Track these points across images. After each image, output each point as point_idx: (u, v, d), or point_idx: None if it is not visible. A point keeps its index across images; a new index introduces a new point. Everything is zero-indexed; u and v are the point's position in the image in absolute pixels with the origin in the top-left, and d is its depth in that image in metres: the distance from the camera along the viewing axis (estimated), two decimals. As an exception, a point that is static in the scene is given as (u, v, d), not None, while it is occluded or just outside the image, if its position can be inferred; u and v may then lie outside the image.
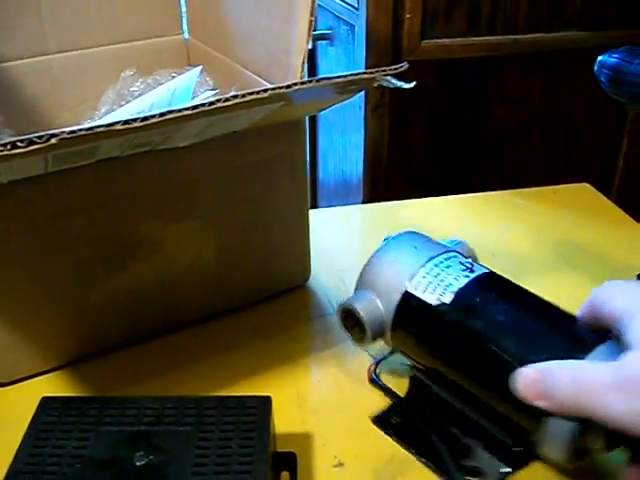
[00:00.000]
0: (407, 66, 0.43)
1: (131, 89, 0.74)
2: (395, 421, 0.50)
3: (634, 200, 1.49)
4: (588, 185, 0.87)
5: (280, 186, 0.58)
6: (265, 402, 0.44)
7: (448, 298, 0.45)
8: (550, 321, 0.44)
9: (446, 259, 0.48)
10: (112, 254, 0.53)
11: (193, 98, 0.55)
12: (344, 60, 1.43)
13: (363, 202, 1.40)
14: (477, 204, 0.85)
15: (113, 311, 0.55)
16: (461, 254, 0.50)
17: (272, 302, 0.62)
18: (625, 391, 0.37)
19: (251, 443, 0.41)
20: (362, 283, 0.50)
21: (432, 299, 0.46)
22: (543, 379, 0.40)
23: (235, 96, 0.36)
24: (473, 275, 0.46)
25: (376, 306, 0.49)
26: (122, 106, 0.73)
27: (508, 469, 0.45)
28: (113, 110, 0.70)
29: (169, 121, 0.35)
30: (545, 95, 1.41)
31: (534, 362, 0.40)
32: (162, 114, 0.34)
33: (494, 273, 0.48)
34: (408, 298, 0.47)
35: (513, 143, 1.45)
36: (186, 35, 0.80)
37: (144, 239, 0.54)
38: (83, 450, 0.40)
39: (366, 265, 0.50)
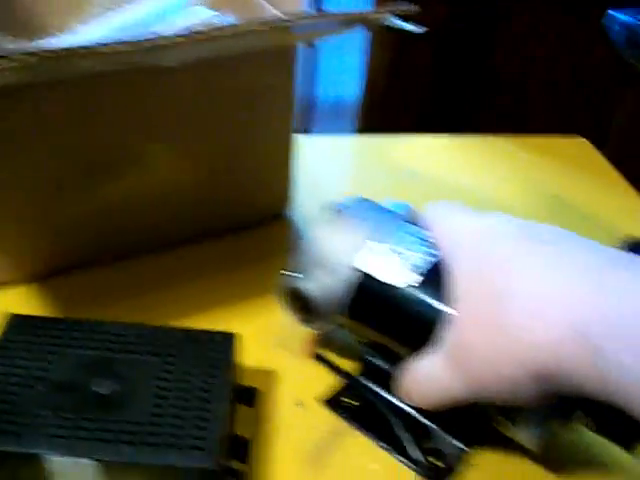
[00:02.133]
0: (417, 9, 0.41)
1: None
2: (349, 404, 0.47)
3: (630, 155, 1.48)
4: (585, 140, 0.85)
5: (266, 114, 0.57)
6: (230, 338, 0.44)
7: (413, 278, 0.42)
8: None
9: (405, 233, 0.44)
10: (89, 170, 0.51)
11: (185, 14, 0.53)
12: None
13: (357, 128, 1.37)
14: (469, 146, 0.83)
15: (86, 227, 0.54)
16: (414, 223, 0.46)
17: (250, 231, 0.61)
18: (452, 367, 0.39)
19: (213, 379, 0.41)
20: (308, 258, 0.45)
21: (395, 279, 0.43)
22: (403, 383, 0.43)
23: (232, 26, 0.34)
24: (436, 252, 0.43)
25: (327, 284, 0.44)
26: (113, 10, 0.69)
27: (467, 448, 0.45)
28: (105, 14, 0.67)
29: (159, 47, 0.33)
30: (551, 41, 1.37)
31: None
32: (152, 40, 0.33)
33: None
34: (365, 277, 0.43)
35: (516, 85, 1.42)
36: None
37: (123, 156, 0.52)
38: (46, 372, 0.40)
39: (312, 238, 0.45)
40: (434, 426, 0.45)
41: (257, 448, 0.44)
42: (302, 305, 0.46)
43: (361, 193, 0.48)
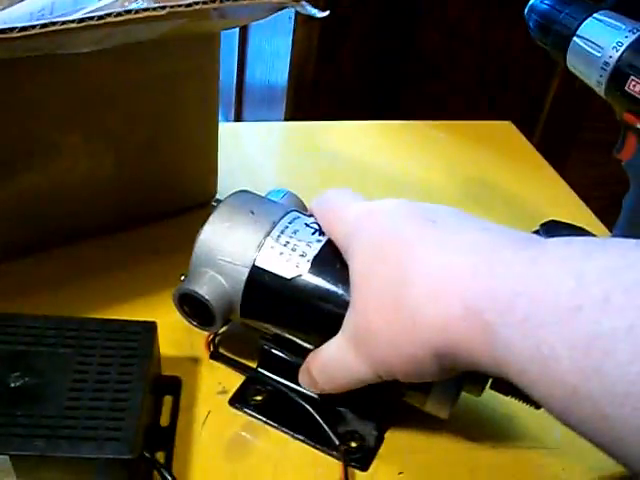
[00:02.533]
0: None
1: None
2: (254, 400, 0.46)
3: (557, 139, 1.52)
4: (511, 124, 0.87)
5: (188, 102, 0.56)
6: (149, 328, 0.44)
7: (304, 268, 0.42)
8: None
9: (290, 222, 0.44)
10: (3, 160, 0.50)
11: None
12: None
13: (286, 115, 1.37)
14: (396, 132, 0.84)
15: (2, 217, 0.52)
16: (298, 211, 0.46)
17: (172, 221, 0.60)
18: (356, 351, 0.39)
19: (131, 370, 0.41)
20: (198, 260, 0.44)
21: (286, 271, 0.42)
22: (310, 377, 0.43)
23: (128, 11, 0.34)
24: (324, 238, 0.43)
25: (220, 285, 0.43)
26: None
27: (382, 427, 0.45)
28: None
29: (53, 33, 0.32)
30: (483, 25, 1.39)
31: None
32: (44, 25, 0.32)
33: None
34: (258, 272, 0.43)
35: (443, 70, 1.43)
36: None
37: (40, 147, 0.51)
38: (-45, 367, 0.39)
39: (199, 239, 0.44)
40: (345, 409, 0.45)
41: (180, 438, 0.44)
42: (197, 309, 0.45)
43: (290, 180, 0.48)
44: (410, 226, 0.39)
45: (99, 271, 0.55)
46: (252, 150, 0.76)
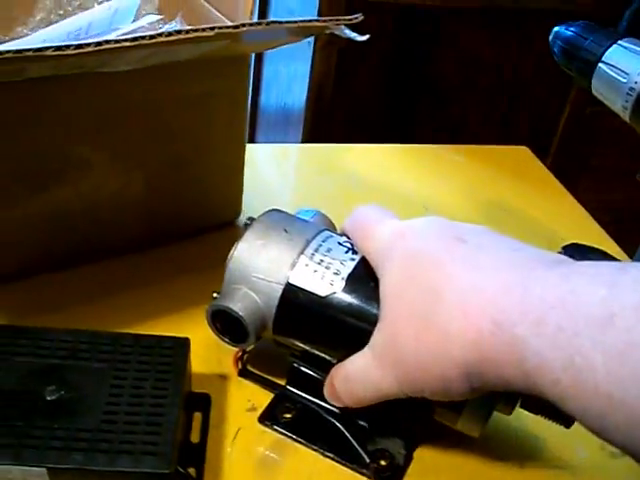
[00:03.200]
0: (362, 18, 0.42)
1: (70, -3, 0.70)
2: (284, 417, 0.46)
3: (569, 164, 1.53)
4: (527, 149, 0.88)
5: (218, 121, 0.57)
6: (182, 343, 0.44)
7: (339, 286, 0.42)
8: None
9: (324, 241, 0.44)
10: (36, 174, 0.51)
11: (135, 20, 0.52)
12: (297, -8, 1.39)
13: (303, 138, 1.38)
14: (416, 155, 0.85)
15: (32, 234, 0.53)
16: (330, 230, 0.46)
17: (200, 238, 0.61)
18: (383, 367, 0.39)
19: (165, 385, 0.41)
20: (232, 277, 0.44)
21: (321, 289, 0.42)
22: (332, 390, 0.43)
23: (179, 31, 0.34)
24: (358, 257, 0.44)
25: (254, 302, 0.44)
26: (60, 15, 0.69)
27: (411, 445, 0.45)
28: (50, 19, 0.66)
29: (105, 51, 0.33)
30: (495, 52, 1.41)
31: None
32: (98, 43, 0.33)
33: None
34: (292, 290, 0.43)
35: (457, 96, 1.45)
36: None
37: (71, 162, 0.51)
38: (-8, 380, 0.40)
39: (234, 256, 0.45)
40: (374, 427, 0.45)
41: (210, 454, 0.44)
42: (230, 325, 0.45)
43: (309, 201, 0.49)
44: (441, 244, 0.39)
45: (127, 287, 0.55)
46: (269, 171, 0.77)
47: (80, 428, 0.38)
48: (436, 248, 0.39)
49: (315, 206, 0.52)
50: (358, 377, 0.41)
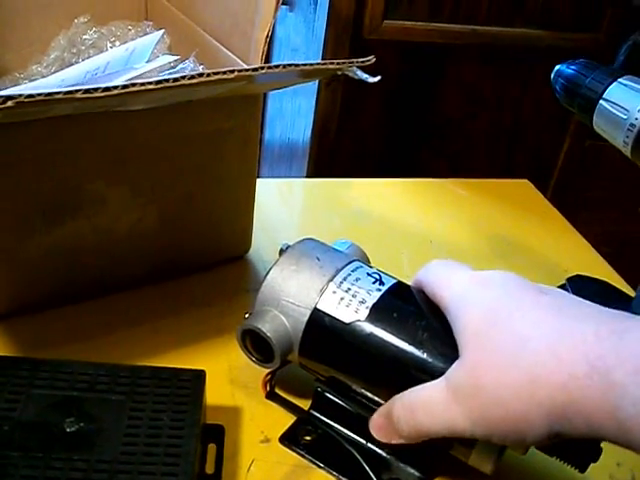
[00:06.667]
0: (374, 60, 0.44)
1: (83, 37, 0.71)
2: (304, 440, 0.48)
3: (569, 197, 1.55)
4: (528, 182, 0.90)
5: (230, 158, 0.58)
6: (199, 376, 0.45)
7: (363, 314, 0.44)
8: None
9: (353, 271, 0.46)
10: (53, 209, 0.52)
11: (149, 60, 0.54)
12: (303, 29, 1.41)
13: (307, 173, 1.40)
14: (420, 189, 0.86)
15: (49, 267, 0.54)
16: (361, 261, 0.48)
17: (211, 272, 0.62)
18: (458, 403, 0.39)
19: (183, 417, 0.42)
20: (264, 299, 0.47)
21: (346, 316, 0.44)
22: (388, 420, 0.43)
23: (201, 74, 0.36)
24: (384, 288, 0.45)
25: (282, 324, 0.46)
26: (73, 53, 0.71)
27: (426, 477, 0.46)
28: (64, 57, 0.68)
29: (130, 93, 0.35)
30: (497, 88, 1.44)
31: None
32: (125, 86, 0.34)
33: (402, 283, 0.47)
34: (319, 315, 0.45)
35: (461, 131, 1.47)
36: (145, -14, 0.78)
37: (87, 198, 0.53)
38: (13, 412, 0.40)
39: (266, 280, 0.47)
40: (392, 457, 0.46)
41: (225, 485, 0.44)
42: (258, 345, 0.47)
43: (316, 235, 0.50)
44: (524, 293, 0.40)
45: (141, 321, 0.56)
46: (274, 205, 0.78)
47: (99, 459, 0.38)
48: (520, 296, 0.40)
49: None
50: (427, 408, 0.41)
